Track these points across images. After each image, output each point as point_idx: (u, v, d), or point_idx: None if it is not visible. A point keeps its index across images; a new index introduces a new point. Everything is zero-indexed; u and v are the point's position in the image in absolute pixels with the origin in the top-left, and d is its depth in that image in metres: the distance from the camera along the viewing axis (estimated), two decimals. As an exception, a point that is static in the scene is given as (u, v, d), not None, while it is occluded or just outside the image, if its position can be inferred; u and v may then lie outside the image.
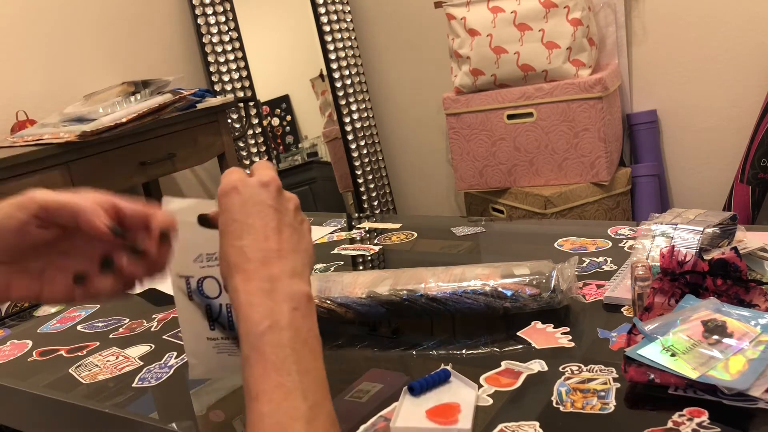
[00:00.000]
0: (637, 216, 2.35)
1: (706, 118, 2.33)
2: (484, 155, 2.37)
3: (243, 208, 0.55)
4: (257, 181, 0.56)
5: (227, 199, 0.56)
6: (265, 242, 0.54)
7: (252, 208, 0.55)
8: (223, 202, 0.56)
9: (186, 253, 0.62)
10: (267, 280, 0.53)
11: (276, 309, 0.52)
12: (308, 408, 0.48)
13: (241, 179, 0.56)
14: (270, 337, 0.50)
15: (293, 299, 0.53)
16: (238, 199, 0.55)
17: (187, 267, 0.62)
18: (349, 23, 2.87)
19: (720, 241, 0.84)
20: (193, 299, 0.63)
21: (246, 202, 0.55)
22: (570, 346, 0.76)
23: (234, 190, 0.56)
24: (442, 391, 0.69)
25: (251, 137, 2.68)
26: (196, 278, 0.62)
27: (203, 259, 0.62)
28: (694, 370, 0.61)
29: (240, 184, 0.56)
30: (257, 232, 0.54)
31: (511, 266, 0.85)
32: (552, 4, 2.16)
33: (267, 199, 0.56)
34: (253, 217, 0.55)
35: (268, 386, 0.49)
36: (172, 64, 2.61)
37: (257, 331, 0.50)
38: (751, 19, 2.16)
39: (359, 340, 0.86)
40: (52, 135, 1.81)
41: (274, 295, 0.52)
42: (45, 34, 2.23)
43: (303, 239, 0.57)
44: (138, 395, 0.80)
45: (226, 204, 0.56)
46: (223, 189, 0.56)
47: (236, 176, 0.57)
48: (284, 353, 0.50)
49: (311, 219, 1.43)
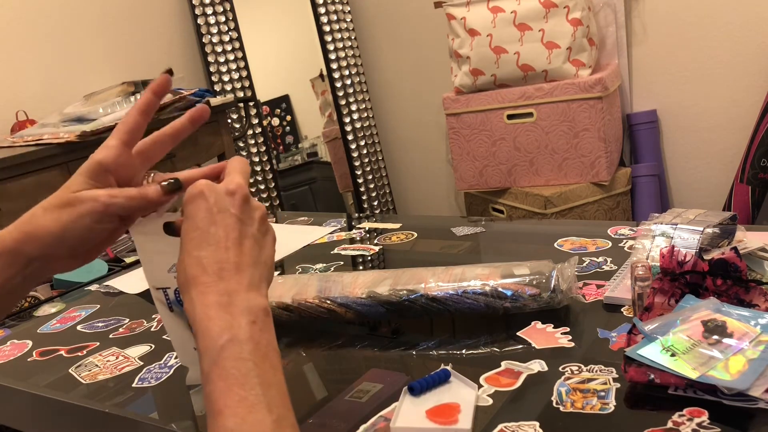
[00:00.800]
0: (637, 216, 2.35)
1: (706, 118, 2.33)
2: (484, 155, 2.37)
3: (207, 216, 0.54)
4: (224, 188, 0.56)
5: (192, 205, 0.55)
6: (225, 253, 0.54)
7: (216, 216, 0.55)
8: (188, 208, 0.55)
9: (159, 266, 0.62)
10: (224, 293, 0.52)
11: (234, 323, 0.51)
12: (273, 421, 0.48)
13: (208, 185, 0.56)
14: (230, 351, 0.50)
15: (251, 313, 0.52)
16: (203, 205, 0.55)
17: (163, 279, 0.62)
18: (349, 23, 2.87)
19: (720, 241, 0.84)
20: (173, 309, 0.63)
21: (210, 209, 0.55)
22: (570, 346, 0.76)
23: (200, 195, 0.55)
24: (442, 391, 0.69)
25: (251, 137, 2.68)
26: (172, 289, 0.62)
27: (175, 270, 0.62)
28: (694, 370, 0.61)
29: (206, 190, 0.55)
30: (218, 242, 0.54)
31: (511, 266, 0.85)
32: (552, 4, 2.16)
33: (231, 208, 0.55)
34: (216, 225, 0.54)
35: (231, 401, 0.48)
36: (172, 64, 2.61)
37: (217, 345, 0.50)
38: (751, 19, 2.16)
39: (359, 340, 0.86)
40: (52, 135, 1.81)
41: (231, 309, 0.52)
42: (45, 34, 2.23)
43: (264, 251, 0.57)
44: (138, 395, 0.80)
45: (191, 211, 0.55)
46: (190, 195, 0.56)
47: (202, 182, 0.56)
48: (246, 367, 0.49)
49: (311, 219, 1.43)
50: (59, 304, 1.16)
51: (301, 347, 0.87)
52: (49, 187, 1.74)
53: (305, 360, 0.84)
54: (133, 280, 1.20)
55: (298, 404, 0.73)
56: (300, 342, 0.89)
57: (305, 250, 1.24)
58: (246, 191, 0.57)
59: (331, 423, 0.69)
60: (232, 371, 0.49)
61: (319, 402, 0.73)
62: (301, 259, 1.19)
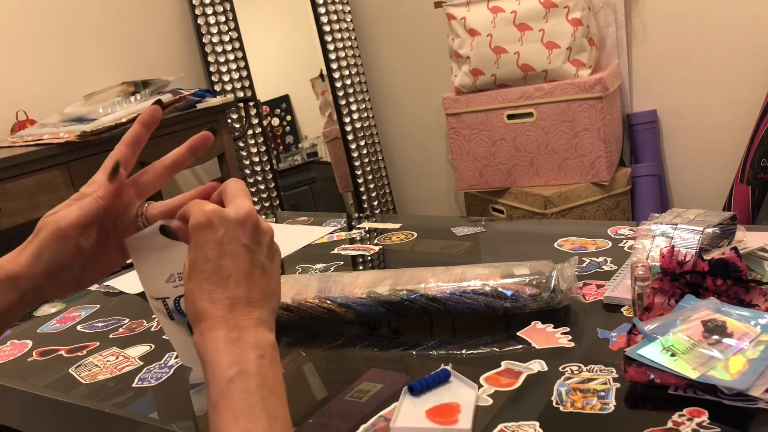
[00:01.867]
0: (637, 216, 2.35)
1: (706, 118, 2.33)
2: (484, 155, 2.37)
3: (217, 248, 0.54)
4: (234, 216, 0.54)
5: (201, 234, 0.54)
6: (236, 289, 0.54)
7: (227, 246, 0.54)
8: (197, 237, 0.54)
9: (157, 277, 0.62)
10: (234, 329, 0.52)
11: (243, 357, 0.51)
12: None
13: (216, 212, 0.54)
14: (238, 383, 0.50)
15: (260, 347, 0.52)
16: (212, 236, 0.54)
17: (161, 289, 0.62)
18: (349, 23, 2.87)
19: (720, 241, 0.84)
20: (173, 318, 0.63)
21: (221, 240, 0.54)
22: (570, 346, 0.76)
23: (209, 225, 0.54)
24: (442, 391, 0.69)
25: (251, 137, 2.68)
26: (172, 298, 0.62)
27: (175, 279, 0.62)
28: (694, 370, 0.61)
29: (215, 219, 0.54)
30: (228, 276, 0.54)
31: (511, 266, 0.85)
32: (552, 4, 2.16)
33: (243, 238, 0.54)
34: (227, 258, 0.54)
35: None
36: (172, 64, 2.61)
37: (225, 377, 0.50)
38: (751, 19, 2.16)
39: (359, 340, 0.86)
40: (52, 135, 1.81)
41: (240, 344, 0.52)
42: (45, 34, 2.23)
43: (272, 278, 0.57)
44: (138, 395, 0.80)
45: (200, 240, 0.54)
46: (198, 222, 0.54)
47: (210, 207, 0.55)
48: (253, 400, 0.50)
49: (311, 219, 1.43)
50: (59, 304, 1.16)
51: (301, 347, 0.87)
52: (49, 187, 1.75)
53: (305, 360, 0.84)
54: (133, 280, 1.20)
55: (298, 404, 0.73)
56: (300, 342, 0.89)
57: (305, 250, 1.24)
58: (256, 218, 0.56)
59: (331, 423, 0.69)
60: (239, 403, 0.49)
61: (319, 402, 0.73)
62: (301, 259, 1.19)
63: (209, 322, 0.53)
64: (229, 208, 0.55)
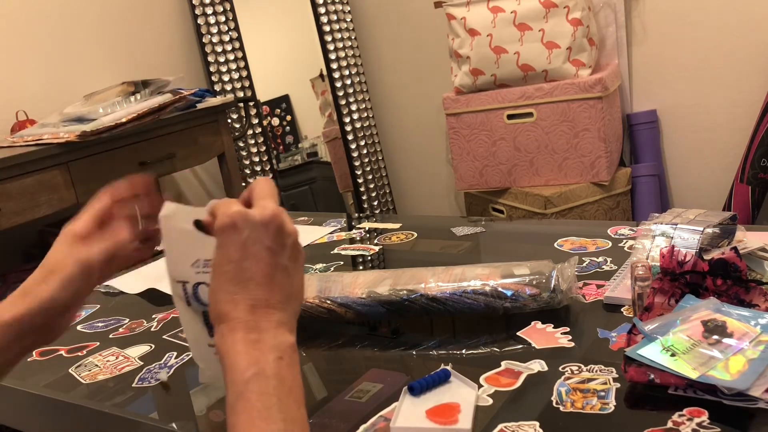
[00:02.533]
0: (637, 216, 2.35)
1: (706, 118, 2.33)
2: (484, 155, 2.37)
3: (240, 250, 0.54)
4: (259, 219, 0.54)
5: (225, 236, 0.54)
6: (257, 290, 0.54)
7: (250, 248, 0.54)
8: (221, 238, 0.55)
9: (183, 258, 0.61)
10: (254, 330, 0.53)
11: (262, 358, 0.52)
12: None
13: (241, 214, 0.54)
14: (256, 384, 0.50)
15: (278, 349, 0.53)
16: (236, 238, 0.54)
17: (184, 272, 0.62)
18: (349, 23, 2.87)
19: (720, 241, 0.84)
20: (191, 304, 0.63)
21: (245, 242, 0.54)
22: (570, 346, 0.76)
23: (233, 227, 0.54)
24: (442, 391, 0.69)
25: (251, 137, 2.68)
26: (191, 283, 0.62)
27: (200, 265, 0.61)
28: (694, 370, 0.61)
29: (240, 221, 0.54)
30: (251, 278, 0.54)
31: (511, 266, 0.85)
32: (552, 4, 2.16)
33: (266, 240, 0.54)
34: (250, 260, 0.54)
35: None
36: (172, 64, 2.61)
37: (243, 378, 0.51)
38: (751, 19, 2.16)
39: (359, 340, 0.86)
40: (52, 135, 1.81)
41: (259, 345, 0.52)
42: (45, 34, 2.23)
43: (294, 280, 0.57)
44: (138, 395, 0.80)
45: (224, 241, 0.55)
46: (222, 224, 0.55)
47: (235, 209, 0.55)
48: (270, 401, 0.50)
49: (311, 219, 1.43)
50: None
51: (301, 347, 0.87)
52: (49, 187, 1.75)
53: (305, 360, 0.84)
54: (133, 280, 1.20)
55: (298, 404, 0.73)
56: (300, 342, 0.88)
57: (305, 250, 1.24)
58: (281, 220, 0.56)
59: (331, 423, 0.69)
60: (256, 404, 0.50)
61: (319, 402, 0.73)
62: (301, 259, 1.19)
63: (230, 323, 0.53)
64: (255, 210, 0.55)
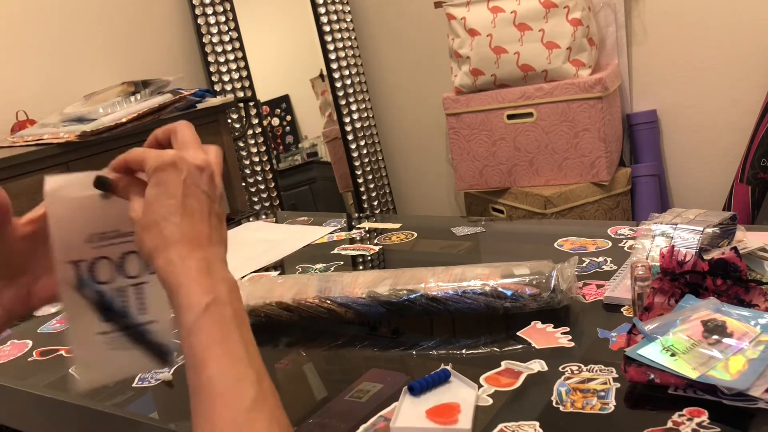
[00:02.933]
0: (637, 216, 2.35)
1: (706, 118, 2.33)
2: (484, 155, 2.37)
3: (182, 187, 0.55)
4: (197, 163, 0.56)
5: (164, 174, 0.55)
6: (200, 225, 0.55)
7: (190, 188, 0.55)
8: (160, 175, 0.55)
9: (75, 235, 0.57)
10: (203, 260, 0.54)
11: (216, 287, 0.53)
12: (254, 372, 0.51)
13: (179, 156, 0.56)
14: (215, 308, 0.52)
15: (227, 281, 0.55)
16: (177, 177, 0.55)
17: (77, 249, 0.57)
18: (349, 23, 2.87)
19: (720, 241, 0.84)
20: (80, 290, 0.58)
21: (185, 180, 0.55)
22: (570, 346, 0.76)
23: (173, 166, 0.55)
24: (442, 391, 0.69)
25: (251, 137, 2.68)
26: (87, 261, 0.58)
27: (95, 239, 0.58)
28: (694, 370, 0.61)
29: (178, 161, 0.55)
30: (193, 213, 0.55)
31: (511, 266, 0.85)
32: (552, 4, 2.16)
33: (202, 184, 0.56)
34: (191, 198, 0.55)
35: (215, 353, 0.50)
36: (172, 64, 2.61)
37: (202, 302, 0.52)
38: (751, 19, 2.16)
39: (359, 340, 0.86)
40: (52, 135, 1.81)
41: (212, 275, 0.54)
42: (45, 34, 2.23)
43: (223, 230, 0.59)
44: (138, 395, 0.80)
45: (163, 178, 0.55)
46: (162, 163, 0.55)
47: (173, 152, 0.56)
48: (228, 327, 0.52)
49: (311, 219, 1.43)
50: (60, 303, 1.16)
51: (301, 347, 0.87)
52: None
53: (305, 360, 0.84)
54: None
55: (298, 404, 0.73)
56: (300, 342, 0.89)
57: (305, 250, 1.24)
58: (213, 169, 0.57)
59: (331, 423, 0.69)
60: (214, 327, 0.51)
61: (319, 402, 0.73)
62: (301, 259, 1.19)
63: (181, 251, 0.54)
64: (188, 153, 0.56)
